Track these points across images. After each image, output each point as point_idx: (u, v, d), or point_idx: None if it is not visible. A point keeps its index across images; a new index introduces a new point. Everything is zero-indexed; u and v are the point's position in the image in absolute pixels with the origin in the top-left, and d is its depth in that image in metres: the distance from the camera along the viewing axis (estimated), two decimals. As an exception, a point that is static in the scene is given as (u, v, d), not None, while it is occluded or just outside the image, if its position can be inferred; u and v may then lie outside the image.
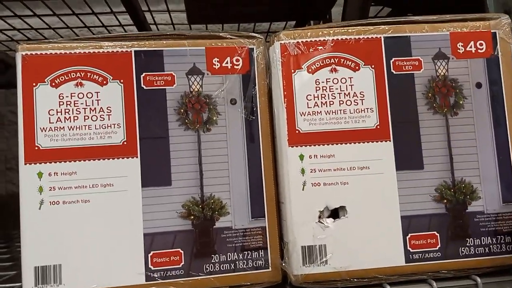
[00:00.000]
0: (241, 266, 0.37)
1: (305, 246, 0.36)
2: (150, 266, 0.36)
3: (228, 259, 0.37)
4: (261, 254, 0.37)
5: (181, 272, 0.36)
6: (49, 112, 0.36)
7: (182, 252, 0.36)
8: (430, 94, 0.40)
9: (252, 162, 0.38)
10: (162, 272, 0.36)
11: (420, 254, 0.37)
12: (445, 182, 0.38)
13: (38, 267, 0.34)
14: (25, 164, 0.35)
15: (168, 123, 0.38)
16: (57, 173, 0.35)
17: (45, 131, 0.36)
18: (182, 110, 0.38)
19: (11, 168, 1.17)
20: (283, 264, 0.37)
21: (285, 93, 0.38)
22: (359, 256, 0.37)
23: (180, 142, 0.38)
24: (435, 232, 0.38)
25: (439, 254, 0.38)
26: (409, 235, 0.37)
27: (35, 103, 0.36)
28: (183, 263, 0.36)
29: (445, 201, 0.38)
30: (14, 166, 1.17)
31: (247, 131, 0.38)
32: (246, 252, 0.37)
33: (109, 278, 0.35)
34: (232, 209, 0.37)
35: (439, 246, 0.38)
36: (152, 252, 0.36)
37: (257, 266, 0.37)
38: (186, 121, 0.38)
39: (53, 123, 0.36)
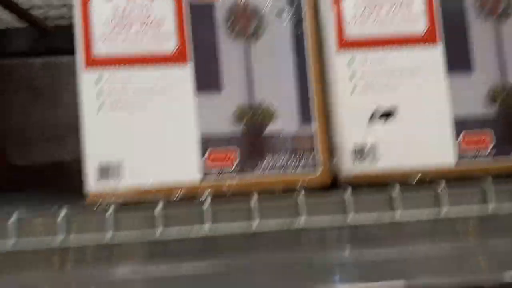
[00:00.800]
0: (291, 168, 0.37)
1: (355, 148, 0.37)
2: (205, 165, 0.37)
3: (279, 162, 0.37)
4: (311, 157, 0.37)
5: (235, 170, 0.37)
6: (104, 23, 0.38)
7: (235, 153, 0.37)
8: (479, 1, 0.39)
9: (301, 68, 0.39)
10: (216, 171, 0.37)
11: (472, 154, 0.37)
12: (497, 85, 0.38)
13: (101, 162, 0.36)
14: (85, 70, 0.37)
15: (217, 34, 0.39)
16: (114, 79, 0.37)
17: (101, 41, 0.37)
18: (230, 22, 0.39)
19: (49, 139, 1.20)
20: (333, 165, 0.37)
21: None
22: (410, 157, 0.37)
23: (229, 52, 0.38)
24: (487, 133, 0.38)
25: (491, 154, 0.37)
26: (460, 136, 0.37)
27: (90, 15, 0.38)
28: (236, 163, 0.37)
29: (497, 102, 0.38)
30: (51, 137, 1.20)
31: (294, 39, 0.39)
32: (296, 155, 0.37)
33: (166, 175, 0.36)
34: (282, 115, 0.38)
35: (491, 146, 0.37)
36: (206, 153, 0.37)
37: (306, 168, 0.37)
38: (234, 32, 0.39)
39: (108, 32, 0.38)
